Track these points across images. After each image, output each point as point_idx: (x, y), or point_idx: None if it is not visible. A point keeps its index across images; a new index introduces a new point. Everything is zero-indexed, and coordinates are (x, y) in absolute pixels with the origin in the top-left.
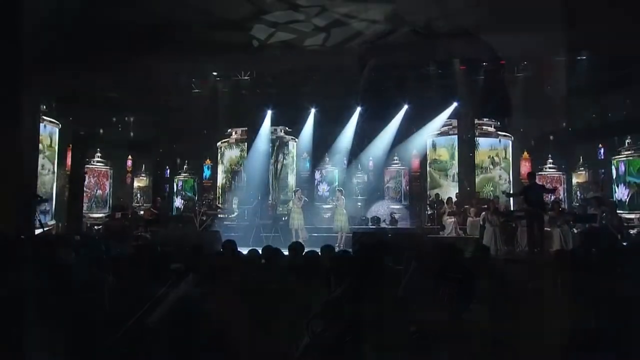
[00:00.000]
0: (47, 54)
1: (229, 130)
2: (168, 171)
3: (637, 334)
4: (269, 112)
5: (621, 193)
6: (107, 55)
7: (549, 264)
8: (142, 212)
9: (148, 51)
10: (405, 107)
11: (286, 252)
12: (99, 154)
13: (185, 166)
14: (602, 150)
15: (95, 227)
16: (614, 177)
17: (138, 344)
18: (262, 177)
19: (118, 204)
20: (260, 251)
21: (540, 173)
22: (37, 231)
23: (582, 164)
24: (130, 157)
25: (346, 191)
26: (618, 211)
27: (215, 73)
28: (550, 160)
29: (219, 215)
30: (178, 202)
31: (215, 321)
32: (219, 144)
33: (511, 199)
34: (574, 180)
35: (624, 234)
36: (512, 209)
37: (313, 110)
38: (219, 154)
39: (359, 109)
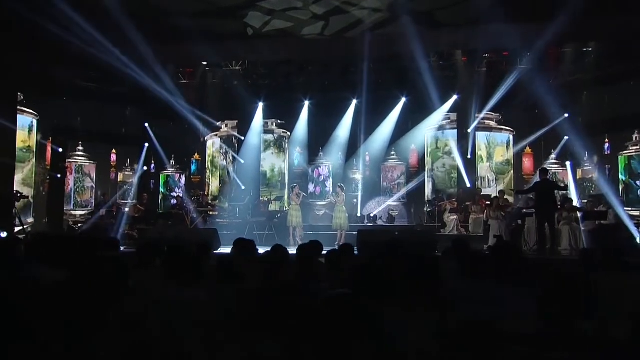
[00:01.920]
0: (27, 40)
1: (219, 123)
2: (153, 166)
3: None
4: (261, 105)
5: None
6: (90, 44)
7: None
8: (127, 209)
9: (134, 39)
10: (404, 100)
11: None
12: (80, 147)
13: (171, 161)
14: (607, 145)
15: (78, 225)
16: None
17: None
18: (254, 172)
19: (102, 200)
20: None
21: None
22: (16, 229)
23: (587, 159)
24: (114, 150)
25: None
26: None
27: (204, 62)
28: (553, 156)
29: (209, 213)
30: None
31: None
32: (207, 137)
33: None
34: (579, 176)
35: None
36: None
37: (307, 103)
38: (208, 148)
39: (355, 101)
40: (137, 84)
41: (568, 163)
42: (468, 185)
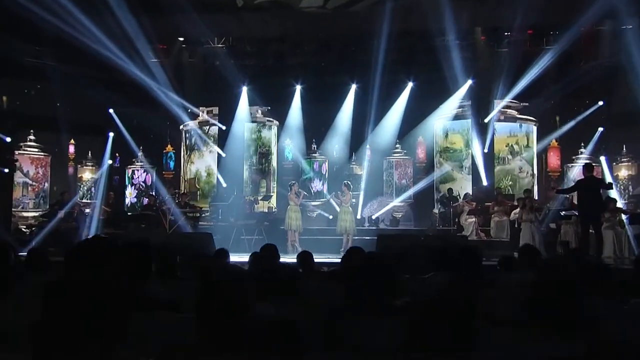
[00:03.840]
0: None
1: (197, 109)
2: (119, 159)
3: None
4: (245, 89)
5: None
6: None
7: None
8: (88, 210)
9: (99, 5)
10: (410, 84)
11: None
12: (32, 137)
13: (140, 153)
14: None
15: (28, 228)
16: None
17: None
18: (238, 168)
19: (61, 200)
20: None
21: (570, 165)
22: None
23: (625, 153)
24: (72, 141)
25: (340, 185)
26: None
27: (181, 38)
28: (583, 150)
29: (188, 214)
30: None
31: None
32: (183, 126)
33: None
34: (615, 173)
35: None
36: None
37: (298, 87)
38: (184, 139)
39: (354, 86)
40: (102, 62)
41: (603, 158)
42: (484, 183)
